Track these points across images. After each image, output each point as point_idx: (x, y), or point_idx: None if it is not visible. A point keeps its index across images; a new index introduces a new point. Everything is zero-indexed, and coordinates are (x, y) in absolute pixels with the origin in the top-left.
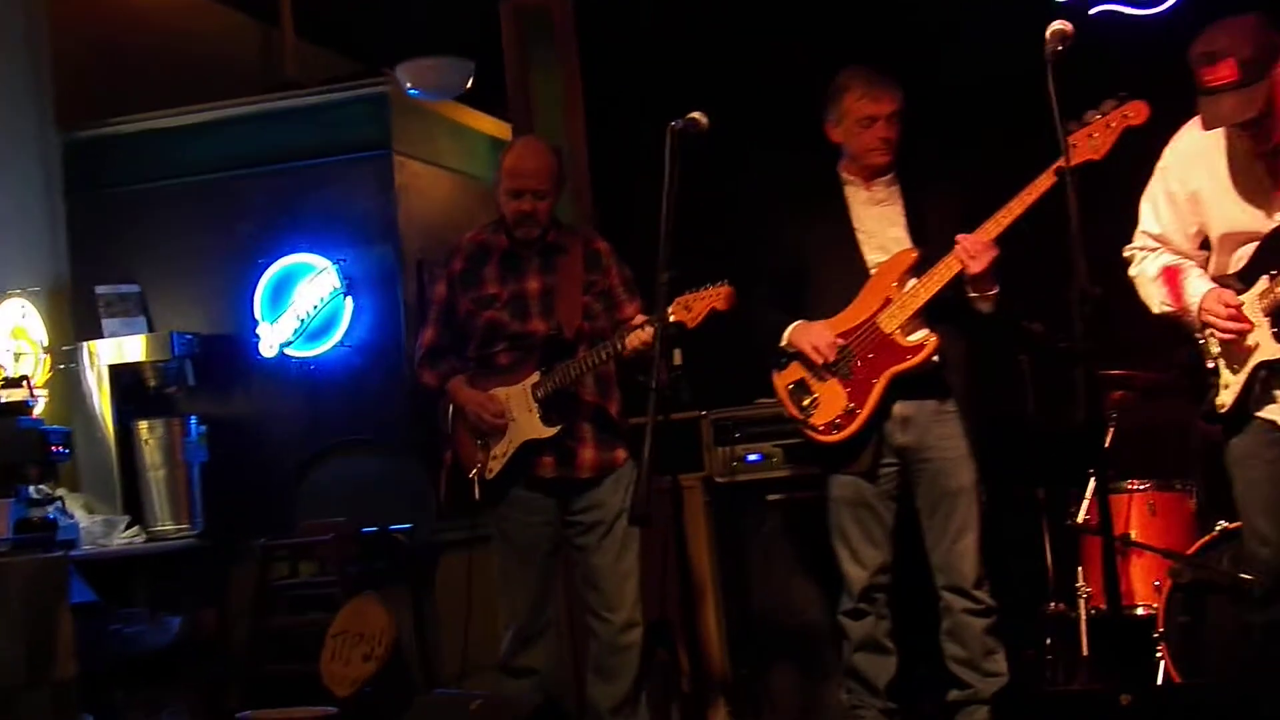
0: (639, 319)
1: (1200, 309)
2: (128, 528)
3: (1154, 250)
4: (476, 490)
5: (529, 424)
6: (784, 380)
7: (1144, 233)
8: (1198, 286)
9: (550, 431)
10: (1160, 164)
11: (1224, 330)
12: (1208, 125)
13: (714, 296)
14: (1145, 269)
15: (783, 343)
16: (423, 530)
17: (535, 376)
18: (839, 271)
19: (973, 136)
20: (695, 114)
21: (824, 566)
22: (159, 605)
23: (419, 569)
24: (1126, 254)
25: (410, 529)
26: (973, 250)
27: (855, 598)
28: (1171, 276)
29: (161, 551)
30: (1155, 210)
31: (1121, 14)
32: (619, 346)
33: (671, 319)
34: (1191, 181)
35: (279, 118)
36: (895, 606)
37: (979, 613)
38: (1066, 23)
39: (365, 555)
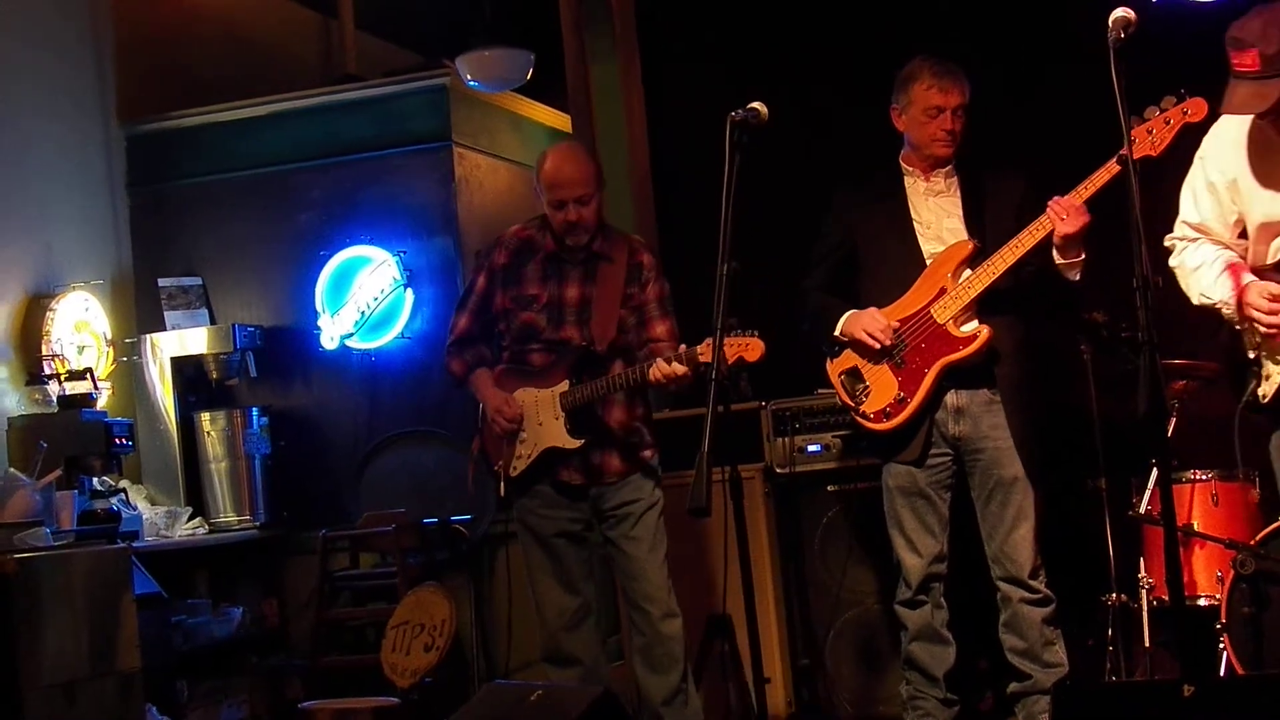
0: (667, 348)
1: (1243, 301)
2: (190, 519)
3: (1194, 240)
4: (501, 486)
5: (555, 431)
6: (837, 368)
7: (1184, 222)
8: (1240, 279)
9: (575, 444)
10: (1199, 152)
11: (1267, 324)
12: (1223, 109)
13: (745, 347)
14: (1185, 260)
15: (837, 331)
16: (483, 522)
17: (565, 385)
18: (895, 261)
19: (1033, 128)
20: (756, 104)
21: (883, 557)
22: (221, 596)
23: (479, 560)
24: (1167, 244)
25: (470, 520)
26: (1064, 210)
27: (912, 587)
28: (1235, 271)
29: (223, 543)
30: (1195, 199)
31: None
32: (641, 375)
33: (701, 358)
34: (1230, 170)
35: (339, 110)
36: (954, 598)
37: (1036, 602)
38: (1129, 10)
39: (426, 546)
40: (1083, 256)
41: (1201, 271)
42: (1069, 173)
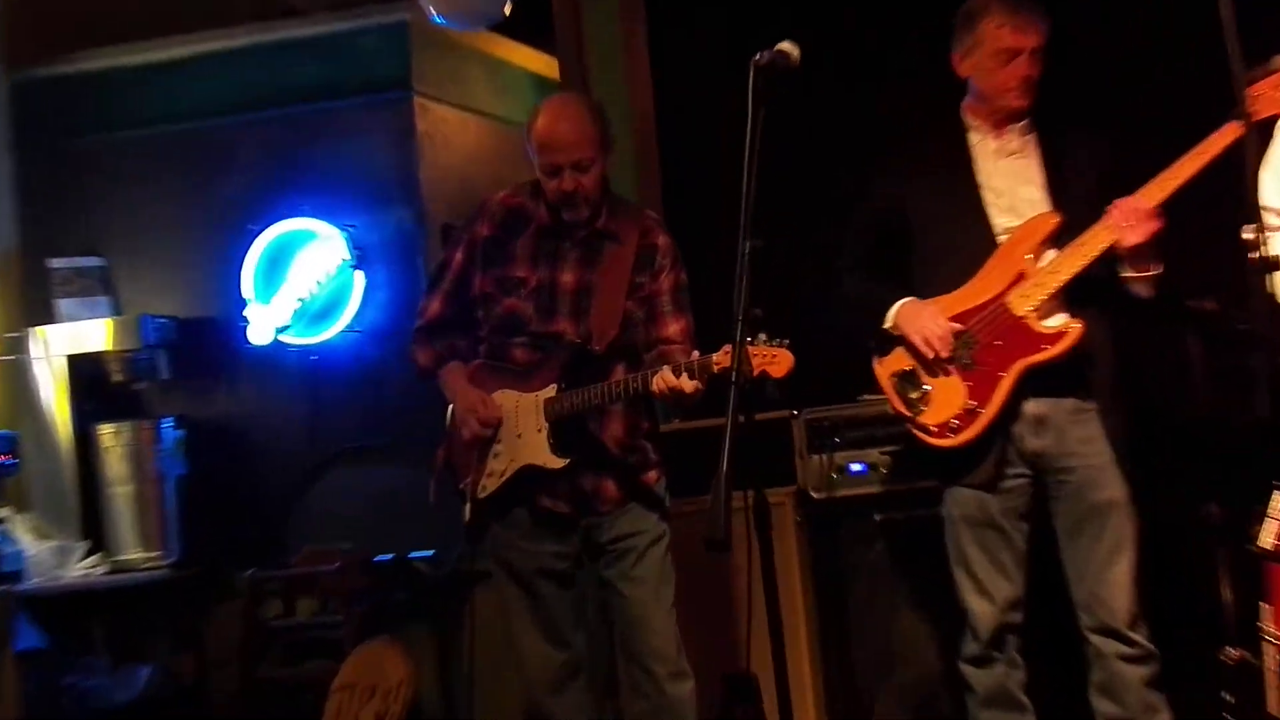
0: (680, 351)
1: None
2: (86, 556)
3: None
4: (466, 510)
5: (535, 446)
6: (888, 369)
7: (1266, 208)
8: None
9: (558, 464)
10: (1277, 126)
11: None
12: None
13: (771, 360)
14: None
15: (887, 324)
16: (450, 558)
17: (552, 390)
18: (959, 238)
19: (1131, 78)
20: (785, 45)
21: (942, 602)
22: (124, 652)
23: (445, 607)
24: (1248, 236)
25: (434, 557)
26: (1129, 217)
27: (982, 641)
28: None
29: (128, 585)
30: (1278, 181)
31: None
32: (643, 384)
33: (716, 368)
34: None
35: (274, 52)
36: (1031, 652)
37: (1137, 659)
38: None
39: (378, 589)
40: (1155, 270)
41: None
42: (1178, 134)
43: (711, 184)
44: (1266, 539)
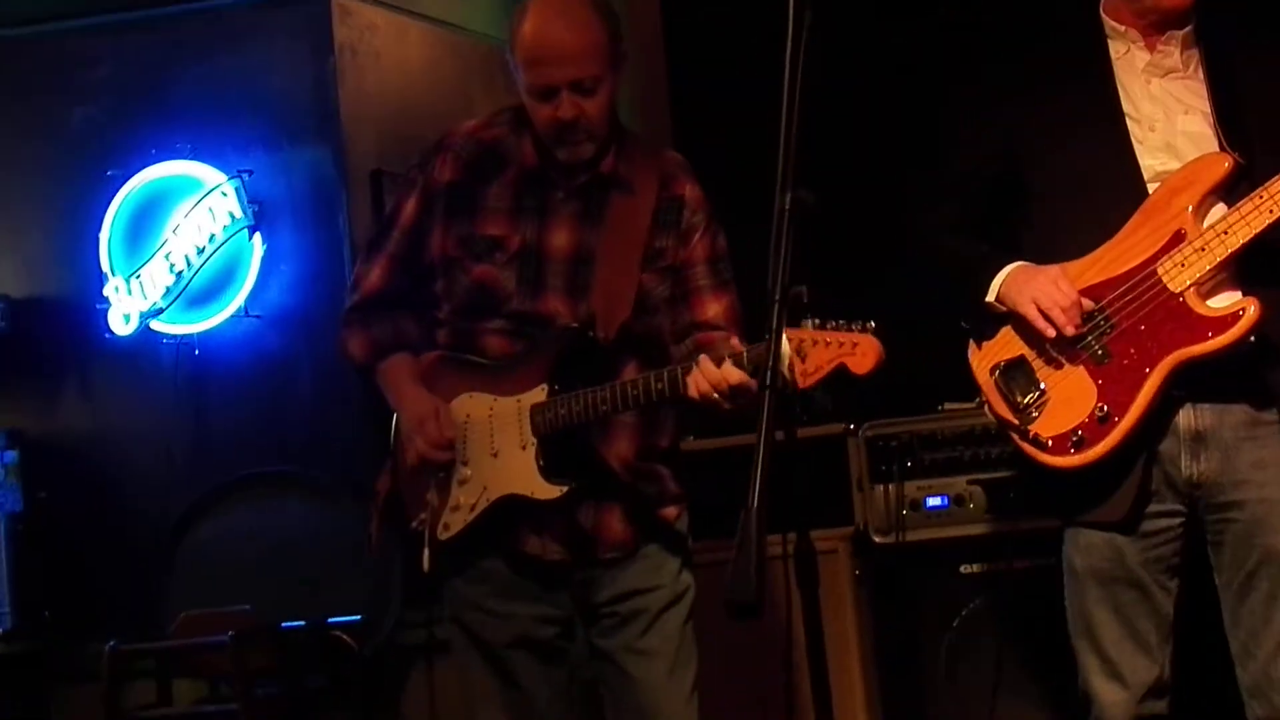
0: (725, 341)
1: None
2: None
3: None
4: (424, 556)
5: (519, 470)
6: (989, 359)
7: None
8: None
9: (553, 493)
10: None
11: None
12: None
13: (848, 350)
14: None
15: (990, 297)
16: (383, 625)
17: (541, 392)
18: (1093, 186)
19: None
20: None
21: (1060, 682)
22: None
23: (376, 688)
24: None
25: (362, 623)
26: None
27: None
28: None
29: None
30: None
31: None
32: (672, 386)
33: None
34: None
35: None
36: None
37: None
38: None
39: (288, 667)
40: None
41: None
42: None
43: (737, 121)
44: None
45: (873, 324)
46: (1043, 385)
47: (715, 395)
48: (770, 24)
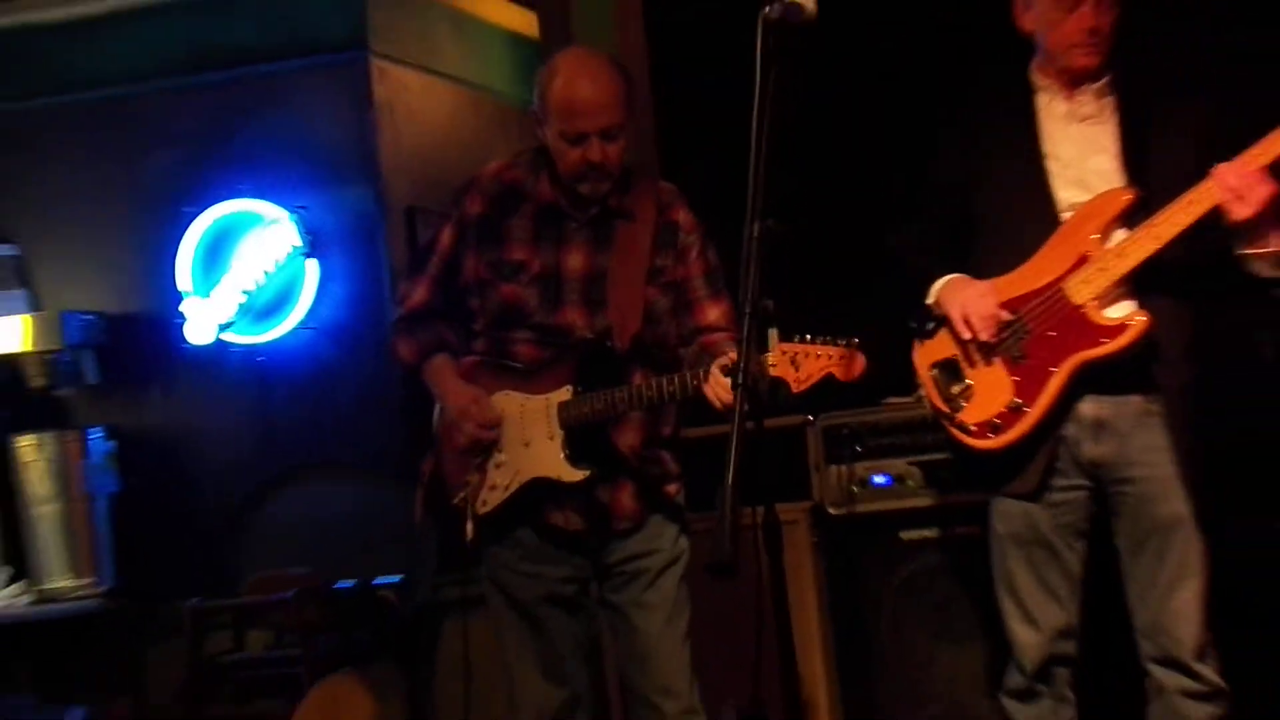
0: (726, 340)
1: None
2: (8, 584)
3: None
4: (468, 526)
5: (547, 456)
6: (929, 355)
7: None
8: None
9: (576, 476)
10: None
11: None
12: None
13: (836, 360)
14: None
15: (929, 299)
16: (422, 586)
17: (567, 393)
18: (1018, 214)
19: (1228, 30)
20: None
21: (980, 631)
22: (53, 693)
23: (416, 640)
24: None
25: (403, 584)
26: (1238, 185)
27: (1027, 672)
28: None
29: (55, 617)
30: None
31: None
32: (684, 389)
33: (773, 371)
34: None
35: (211, 7)
36: (1084, 689)
37: (1202, 695)
38: None
39: (340, 621)
40: (1276, 247)
41: None
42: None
43: (715, 158)
44: None
45: (856, 340)
46: (969, 380)
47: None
48: (747, 65)
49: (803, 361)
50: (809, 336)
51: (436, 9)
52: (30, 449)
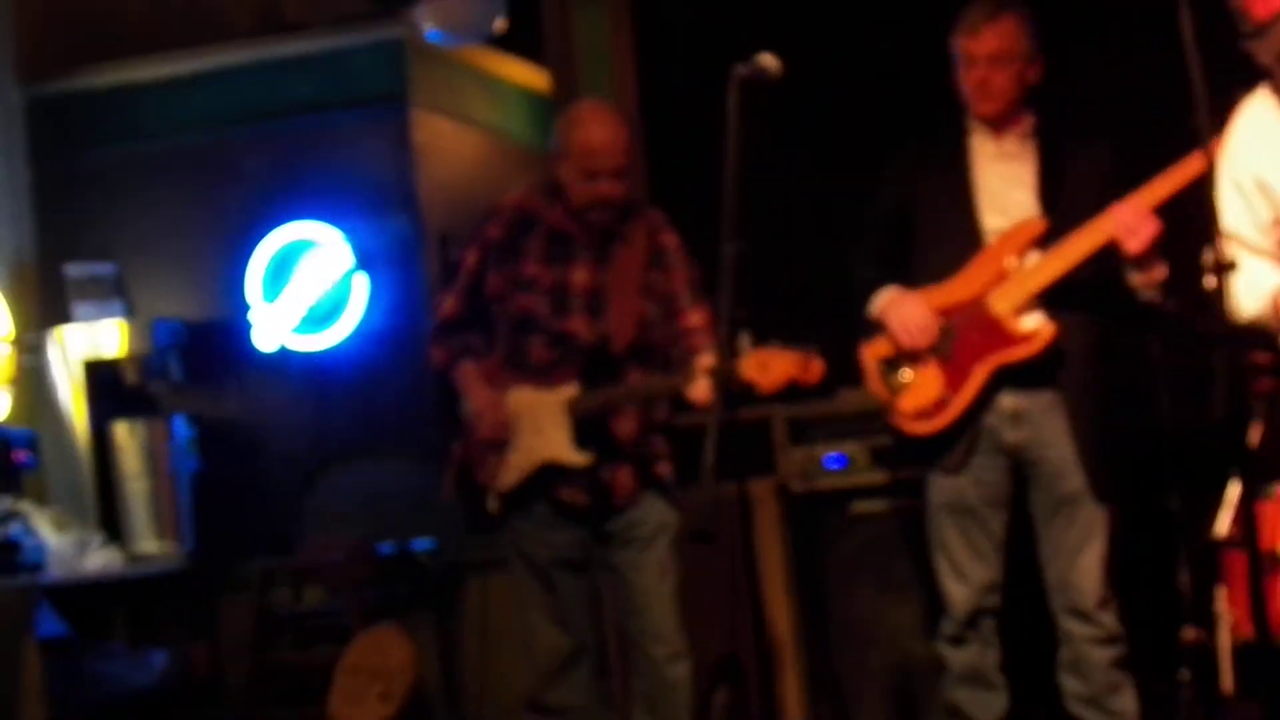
0: (704, 340)
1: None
2: (103, 548)
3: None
4: (491, 500)
5: (557, 442)
6: (874, 353)
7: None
8: (1268, 283)
9: (582, 460)
10: (1222, 148)
11: None
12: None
13: (800, 365)
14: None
15: (873, 311)
16: (450, 549)
17: (574, 390)
18: (950, 235)
19: (1139, 85)
20: (764, 57)
21: (919, 589)
22: (141, 639)
23: (445, 595)
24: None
25: (435, 548)
26: (1131, 223)
27: (958, 621)
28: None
29: (144, 576)
30: (1224, 204)
31: None
32: (672, 388)
33: (744, 375)
34: (1255, 165)
35: (277, 67)
36: (1006, 636)
37: (1103, 640)
38: None
39: (382, 579)
40: (1163, 275)
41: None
42: (1168, 141)
43: (699, 194)
44: (1222, 527)
45: (818, 348)
46: (907, 374)
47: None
48: (723, 123)
49: (771, 365)
50: (780, 341)
51: (466, 68)
52: (125, 435)
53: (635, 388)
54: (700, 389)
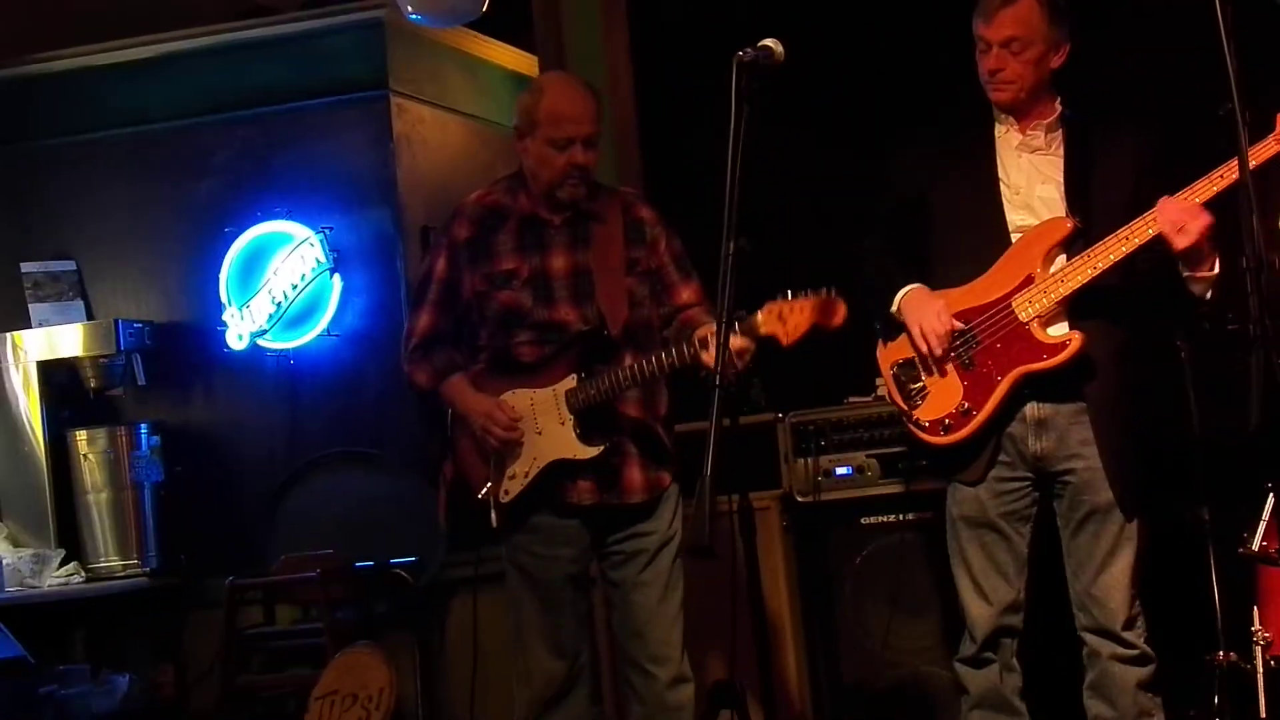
0: (703, 313)
1: None
2: (63, 565)
3: None
4: (494, 517)
5: (562, 440)
6: (891, 356)
7: None
8: None
9: (591, 452)
10: None
11: None
12: None
13: (819, 309)
14: None
15: (893, 308)
16: (432, 565)
17: (572, 381)
18: (973, 231)
19: (1170, 73)
20: (769, 41)
21: (935, 607)
22: (103, 661)
23: (427, 613)
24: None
25: (416, 564)
26: (1179, 218)
27: (978, 642)
28: None
29: (106, 594)
30: None
31: None
32: (688, 353)
33: (763, 330)
34: None
35: (247, 51)
36: (1028, 659)
37: (1131, 660)
38: None
39: (359, 597)
40: (1215, 271)
41: None
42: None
43: (696, 182)
44: (1256, 542)
45: (834, 289)
46: (925, 381)
47: (733, 359)
48: (722, 109)
49: (789, 316)
50: (790, 293)
51: (448, 52)
52: (85, 443)
53: (640, 367)
54: (713, 354)
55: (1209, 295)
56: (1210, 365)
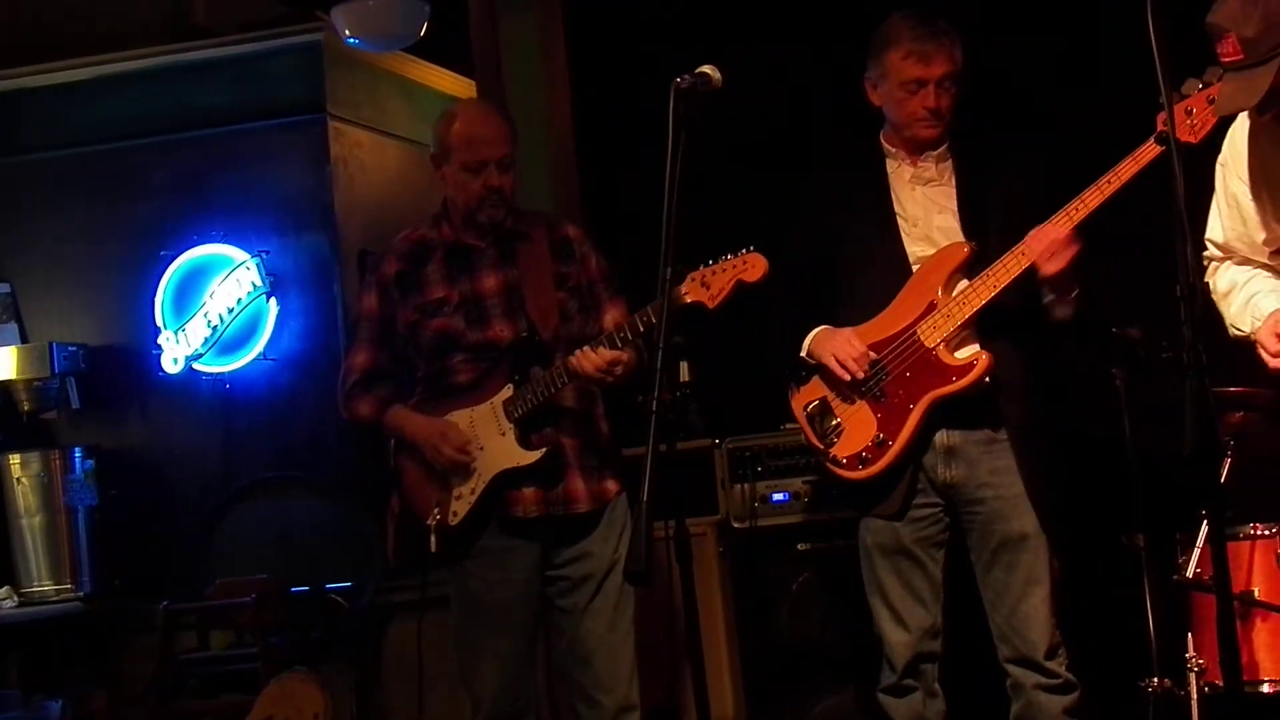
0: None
1: (1259, 333)
2: None
3: (1221, 261)
4: (433, 542)
5: (504, 450)
6: (803, 400)
7: (1209, 240)
8: (1266, 305)
9: (533, 457)
10: (1219, 158)
11: (1272, 366)
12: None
13: (740, 267)
14: (1215, 283)
15: (803, 352)
16: (368, 590)
17: (508, 390)
18: (875, 266)
19: (1050, 101)
20: (706, 68)
21: (867, 632)
22: (36, 687)
23: (364, 639)
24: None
25: (353, 588)
26: (1049, 246)
27: (898, 670)
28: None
29: (38, 619)
30: (1218, 213)
31: None
32: (620, 336)
33: (687, 299)
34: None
35: (185, 73)
36: (950, 684)
37: (1056, 689)
38: None
39: (294, 622)
40: (1076, 291)
41: (1231, 298)
42: (1095, 157)
43: (633, 206)
44: (1190, 569)
45: (752, 247)
46: (839, 419)
47: (594, 372)
48: (658, 133)
49: (711, 280)
50: (709, 261)
51: (386, 76)
52: (18, 466)
53: (558, 369)
54: (581, 359)
55: (1069, 315)
56: (1145, 392)
